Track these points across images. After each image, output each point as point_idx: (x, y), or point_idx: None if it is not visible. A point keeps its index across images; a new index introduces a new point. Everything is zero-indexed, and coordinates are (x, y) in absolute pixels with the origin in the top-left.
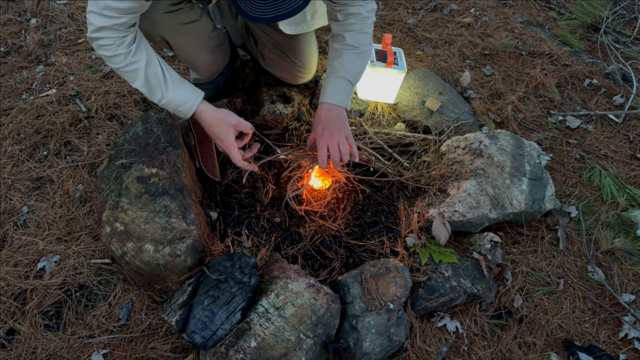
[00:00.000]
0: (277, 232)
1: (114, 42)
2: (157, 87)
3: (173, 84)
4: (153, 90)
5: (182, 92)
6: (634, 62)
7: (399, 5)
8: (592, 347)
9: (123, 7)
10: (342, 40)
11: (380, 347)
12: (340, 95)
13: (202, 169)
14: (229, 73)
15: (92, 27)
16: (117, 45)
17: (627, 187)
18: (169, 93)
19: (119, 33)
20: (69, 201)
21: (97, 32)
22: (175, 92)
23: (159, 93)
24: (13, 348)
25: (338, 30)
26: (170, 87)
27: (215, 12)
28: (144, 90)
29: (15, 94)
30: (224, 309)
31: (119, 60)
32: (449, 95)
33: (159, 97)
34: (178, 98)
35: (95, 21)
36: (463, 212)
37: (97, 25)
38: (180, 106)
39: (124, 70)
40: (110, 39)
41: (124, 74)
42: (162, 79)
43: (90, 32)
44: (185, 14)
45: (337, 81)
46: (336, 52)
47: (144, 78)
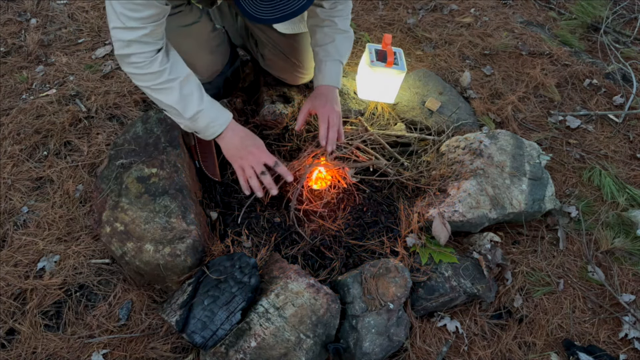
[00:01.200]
0: (277, 232)
1: (146, 59)
2: (194, 102)
3: (209, 99)
4: (188, 105)
5: (218, 107)
6: (634, 62)
7: (399, 5)
8: (592, 347)
9: (144, 16)
10: (334, 25)
11: (380, 347)
12: (337, 77)
13: (202, 169)
14: (229, 73)
15: (120, 43)
16: (149, 63)
17: (627, 187)
18: (206, 105)
19: (149, 47)
20: (69, 201)
21: (126, 47)
22: (213, 106)
23: (194, 107)
24: (13, 348)
25: (327, 15)
26: (207, 101)
27: (215, 12)
28: (177, 106)
29: (15, 94)
30: (224, 309)
31: (151, 78)
32: (449, 95)
33: (193, 111)
34: (214, 113)
35: (122, 36)
36: (463, 212)
37: (124, 39)
38: (214, 121)
39: (159, 87)
40: (141, 54)
41: (156, 91)
42: (199, 94)
43: (118, 50)
44: (184, 16)
45: (334, 64)
46: (328, 37)
47: (179, 94)
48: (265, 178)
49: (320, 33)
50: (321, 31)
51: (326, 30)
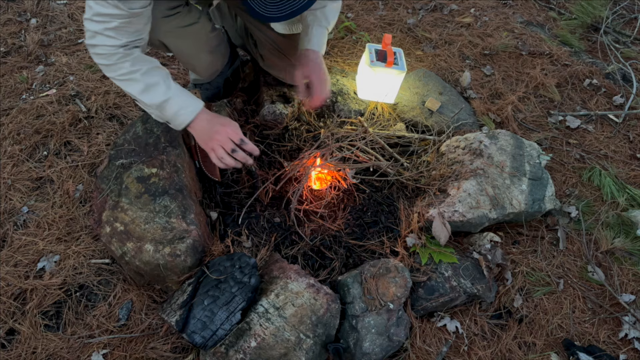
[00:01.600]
0: (277, 232)
1: (108, 51)
2: (159, 91)
3: (177, 87)
4: (153, 94)
5: (187, 96)
6: (634, 62)
7: (399, 5)
8: (592, 347)
9: (109, 12)
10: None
11: (380, 347)
12: (323, 43)
13: (202, 169)
14: (229, 73)
15: (88, 33)
16: (111, 55)
17: (627, 187)
18: (173, 93)
19: (112, 40)
20: (69, 201)
21: (92, 38)
22: (181, 95)
23: (160, 96)
24: (13, 348)
25: None
26: (174, 90)
27: (215, 12)
28: (141, 97)
29: (15, 94)
30: (224, 309)
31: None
32: (449, 95)
33: (159, 99)
34: (182, 101)
35: (89, 26)
36: (463, 212)
37: (91, 30)
38: (182, 109)
39: (123, 78)
40: (103, 47)
41: (121, 82)
42: (166, 83)
43: (86, 40)
44: (183, 17)
45: (321, 30)
46: (318, 3)
47: (143, 85)
48: (237, 154)
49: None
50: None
51: None
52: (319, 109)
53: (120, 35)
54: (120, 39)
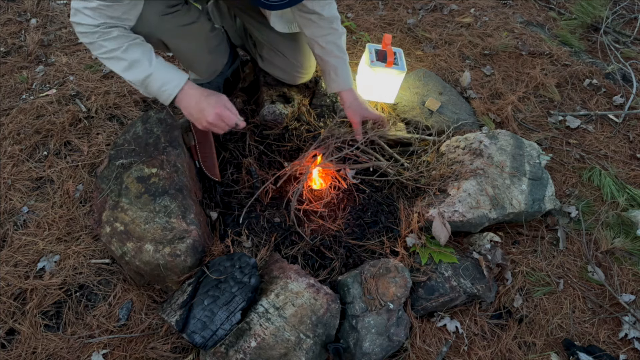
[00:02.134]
0: (277, 232)
1: (87, 30)
2: (142, 67)
3: (160, 62)
4: (136, 70)
5: (170, 70)
6: (634, 62)
7: (399, 5)
8: (592, 347)
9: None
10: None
11: (380, 347)
12: (350, 76)
13: (202, 169)
14: (229, 73)
15: (72, 10)
16: (90, 33)
17: (627, 187)
18: (155, 69)
19: (90, 20)
20: (69, 201)
21: (74, 15)
22: (163, 69)
23: (143, 72)
24: (13, 348)
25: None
26: (155, 64)
27: (214, 12)
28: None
29: (15, 94)
30: (224, 309)
31: (96, 47)
32: (449, 95)
33: (142, 75)
34: (166, 75)
35: (74, 4)
36: (463, 212)
37: (74, 7)
38: (167, 83)
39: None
40: (83, 25)
41: (106, 60)
42: (148, 57)
43: (71, 17)
44: (182, 15)
45: (346, 67)
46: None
47: (126, 63)
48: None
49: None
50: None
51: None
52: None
53: (98, 15)
54: (97, 20)
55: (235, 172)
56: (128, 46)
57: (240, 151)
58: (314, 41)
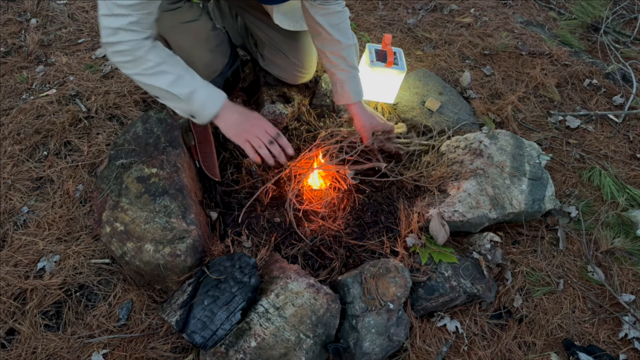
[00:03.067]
0: (277, 232)
1: (132, 47)
2: (186, 81)
3: (200, 79)
4: (181, 85)
5: (211, 87)
6: (634, 62)
7: (399, 5)
8: (592, 347)
9: (131, 4)
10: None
11: (380, 347)
12: (359, 90)
13: (202, 169)
14: (229, 73)
15: (107, 30)
16: (136, 49)
17: (627, 187)
18: (199, 84)
19: (135, 35)
20: (69, 201)
21: (113, 35)
22: (206, 86)
23: (188, 86)
24: (13, 348)
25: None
26: (198, 80)
27: (215, 11)
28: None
29: (15, 94)
30: (224, 309)
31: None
32: (449, 95)
33: (188, 89)
34: (209, 91)
35: (109, 23)
36: (463, 212)
37: (111, 27)
38: (210, 99)
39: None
40: (127, 42)
41: (147, 77)
42: (190, 73)
43: (105, 37)
44: (184, 12)
45: (355, 80)
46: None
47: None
48: (274, 147)
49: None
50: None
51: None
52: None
53: (142, 27)
54: (145, 32)
55: (235, 172)
56: (172, 60)
57: (240, 151)
58: (322, 52)
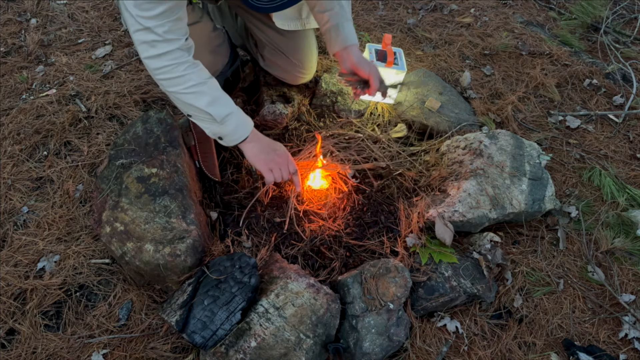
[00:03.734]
0: (277, 232)
1: (173, 61)
2: (224, 104)
3: (234, 104)
4: (219, 107)
5: (243, 112)
6: (634, 62)
7: (399, 5)
8: (592, 347)
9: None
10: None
11: (380, 347)
12: (355, 36)
13: (202, 169)
14: (229, 73)
15: (144, 45)
16: (177, 65)
17: (627, 187)
18: (235, 109)
19: (173, 44)
20: (69, 201)
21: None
22: (240, 111)
23: (226, 109)
24: (13, 348)
25: None
26: (233, 104)
27: (215, 12)
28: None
29: (15, 94)
30: (224, 309)
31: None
32: (449, 95)
33: (225, 113)
34: (242, 116)
35: (144, 37)
36: (463, 212)
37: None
38: (242, 124)
39: (189, 91)
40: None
41: (186, 95)
42: (226, 96)
43: (144, 53)
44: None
45: (350, 24)
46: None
47: (210, 97)
48: (294, 179)
49: None
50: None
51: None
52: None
53: (177, 35)
54: (180, 38)
55: (235, 172)
56: (211, 81)
57: (240, 151)
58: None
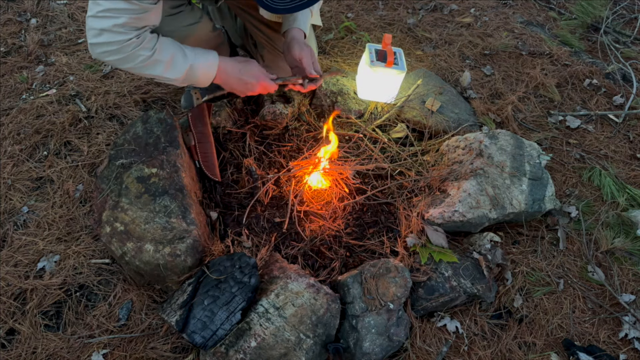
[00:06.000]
0: (277, 232)
1: (117, 46)
2: (179, 62)
3: (191, 50)
4: (176, 68)
5: (202, 54)
6: (634, 62)
7: (399, 5)
8: (592, 347)
9: (118, 7)
10: None
11: (380, 347)
12: (307, 23)
13: (202, 169)
14: None
15: (92, 31)
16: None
17: (627, 187)
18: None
19: (120, 36)
20: (69, 201)
21: (97, 36)
22: (198, 56)
23: (184, 63)
24: (13, 348)
25: None
26: (190, 55)
27: (215, 12)
28: (166, 74)
29: (15, 94)
30: (224, 309)
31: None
32: (449, 95)
33: (184, 67)
34: (202, 59)
35: (94, 24)
36: (463, 212)
37: (96, 27)
38: (207, 69)
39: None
40: (111, 43)
41: (142, 69)
42: (181, 51)
43: (90, 39)
44: (186, 16)
45: (307, 12)
46: None
47: (164, 64)
48: None
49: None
50: None
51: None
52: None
53: (129, 30)
54: (129, 34)
55: (235, 172)
56: (160, 45)
57: (240, 151)
58: None
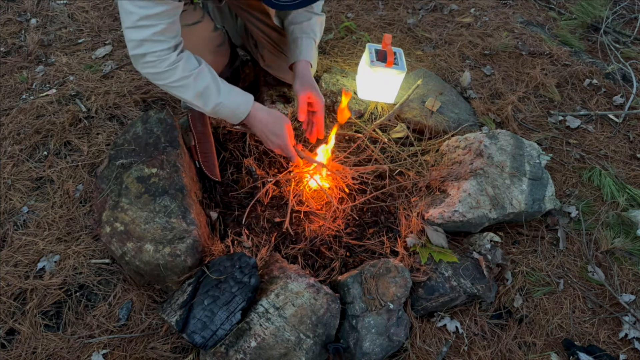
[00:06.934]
0: (277, 232)
1: (158, 57)
2: (212, 95)
3: (226, 88)
4: (206, 99)
5: (236, 95)
6: (634, 62)
7: (399, 5)
8: (592, 347)
9: (155, 13)
10: (310, 8)
11: (380, 347)
12: (313, 54)
13: (202, 169)
14: (229, 73)
15: (133, 43)
16: (162, 61)
17: (627, 187)
18: (224, 97)
19: (162, 45)
20: (69, 201)
21: (139, 47)
22: (231, 96)
23: (213, 100)
24: (13, 348)
25: None
26: (224, 92)
27: (215, 12)
28: (195, 102)
29: (15, 94)
30: (224, 309)
31: (166, 76)
32: (449, 95)
33: (214, 102)
34: (234, 101)
35: (134, 35)
36: (463, 212)
37: (136, 39)
38: (236, 109)
39: (175, 85)
40: (153, 53)
41: (173, 89)
42: (216, 85)
43: (131, 50)
44: (188, 15)
45: (309, 42)
46: (303, 16)
47: (194, 91)
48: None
49: (296, 12)
50: (297, 10)
51: (301, 10)
52: None
53: (168, 37)
54: (170, 41)
55: (235, 172)
56: (198, 72)
57: (240, 151)
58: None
